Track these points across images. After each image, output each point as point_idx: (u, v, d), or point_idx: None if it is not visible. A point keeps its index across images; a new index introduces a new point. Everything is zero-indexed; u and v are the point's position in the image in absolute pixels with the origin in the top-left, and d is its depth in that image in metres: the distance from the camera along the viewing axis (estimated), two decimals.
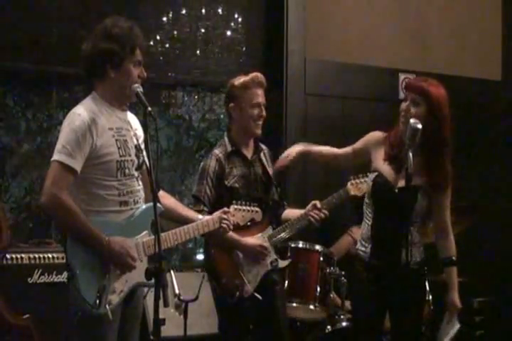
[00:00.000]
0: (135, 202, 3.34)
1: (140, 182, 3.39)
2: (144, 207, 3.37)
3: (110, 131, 3.28)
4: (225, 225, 3.67)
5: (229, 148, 4.33)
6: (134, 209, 3.34)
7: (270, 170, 4.44)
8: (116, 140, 3.29)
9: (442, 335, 3.96)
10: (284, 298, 4.50)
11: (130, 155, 3.33)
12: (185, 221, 3.58)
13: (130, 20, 3.39)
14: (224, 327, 4.36)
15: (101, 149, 3.23)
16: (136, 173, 3.36)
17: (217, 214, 3.69)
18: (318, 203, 4.34)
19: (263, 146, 4.50)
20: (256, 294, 4.24)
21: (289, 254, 4.64)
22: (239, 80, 4.31)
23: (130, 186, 3.32)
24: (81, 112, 3.24)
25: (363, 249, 3.82)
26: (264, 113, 4.33)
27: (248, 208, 3.88)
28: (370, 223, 3.80)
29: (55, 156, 3.18)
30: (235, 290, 4.17)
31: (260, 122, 4.34)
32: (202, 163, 4.36)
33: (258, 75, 4.34)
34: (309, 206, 4.36)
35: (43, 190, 3.18)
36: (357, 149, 3.96)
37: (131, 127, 3.41)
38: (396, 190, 3.72)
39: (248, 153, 4.39)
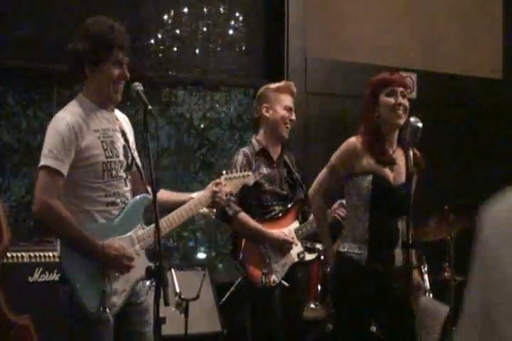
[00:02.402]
0: (122, 202, 3.31)
1: (128, 184, 3.35)
2: (134, 200, 3.34)
3: (96, 133, 3.25)
4: (218, 199, 3.56)
5: (257, 148, 4.55)
6: (121, 208, 3.30)
7: (295, 173, 4.68)
8: (102, 141, 3.25)
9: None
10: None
11: (118, 156, 3.30)
12: (181, 205, 3.48)
13: (126, 22, 3.37)
14: (253, 319, 4.45)
15: (85, 151, 3.20)
16: (124, 175, 3.32)
17: (209, 188, 3.59)
18: (344, 201, 4.44)
19: (289, 153, 4.75)
20: (283, 282, 4.37)
21: (316, 248, 4.72)
22: (274, 84, 4.62)
23: (117, 187, 3.29)
24: (66, 115, 3.22)
25: (357, 251, 3.74)
26: (293, 117, 4.57)
27: (239, 174, 3.79)
28: (366, 225, 3.74)
29: (43, 161, 3.16)
30: (262, 279, 4.30)
31: (289, 126, 4.57)
32: (230, 161, 4.58)
33: (291, 83, 4.66)
34: (336, 204, 4.59)
35: (34, 198, 3.15)
36: (340, 175, 3.81)
37: (119, 127, 3.37)
38: (398, 189, 3.71)
39: (274, 154, 4.61)
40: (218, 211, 4.29)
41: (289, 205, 4.56)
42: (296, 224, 4.55)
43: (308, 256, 4.54)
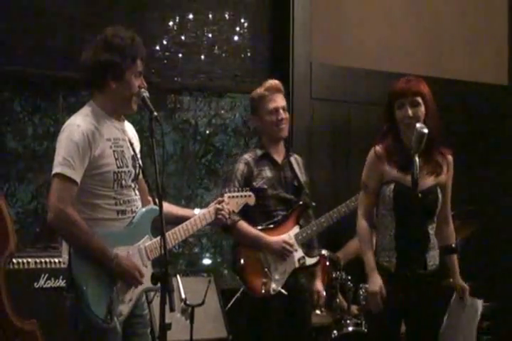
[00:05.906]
0: (132, 211, 3.33)
1: (137, 192, 3.38)
2: (141, 211, 3.36)
3: (108, 142, 3.26)
4: (220, 216, 3.64)
5: (259, 153, 4.54)
6: (131, 217, 3.33)
7: (301, 176, 4.60)
8: (114, 151, 3.28)
9: (466, 320, 4.00)
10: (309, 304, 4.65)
11: (127, 166, 3.32)
12: (182, 220, 3.54)
13: (131, 28, 3.38)
14: (251, 327, 4.43)
15: (98, 160, 3.21)
16: (132, 184, 3.35)
17: (212, 205, 3.67)
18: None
19: (296, 155, 4.69)
20: (282, 290, 4.34)
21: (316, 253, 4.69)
22: (256, 92, 4.56)
23: (127, 195, 3.31)
24: (80, 123, 3.21)
25: (387, 259, 3.79)
26: (283, 115, 4.51)
27: (241, 193, 3.88)
28: (392, 233, 3.78)
29: (57, 169, 3.15)
30: (261, 288, 4.26)
31: (283, 125, 4.52)
32: (230, 168, 4.58)
33: (272, 82, 4.57)
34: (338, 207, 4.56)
35: (49, 206, 3.15)
36: (374, 188, 3.85)
37: (128, 137, 3.40)
38: (420, 195, 3.69)
39: (278, 157, 4.58)
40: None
41: (290, 210, 4.51)
42: (296, 229, 4.51)
43: (309, 261, 4.52)
